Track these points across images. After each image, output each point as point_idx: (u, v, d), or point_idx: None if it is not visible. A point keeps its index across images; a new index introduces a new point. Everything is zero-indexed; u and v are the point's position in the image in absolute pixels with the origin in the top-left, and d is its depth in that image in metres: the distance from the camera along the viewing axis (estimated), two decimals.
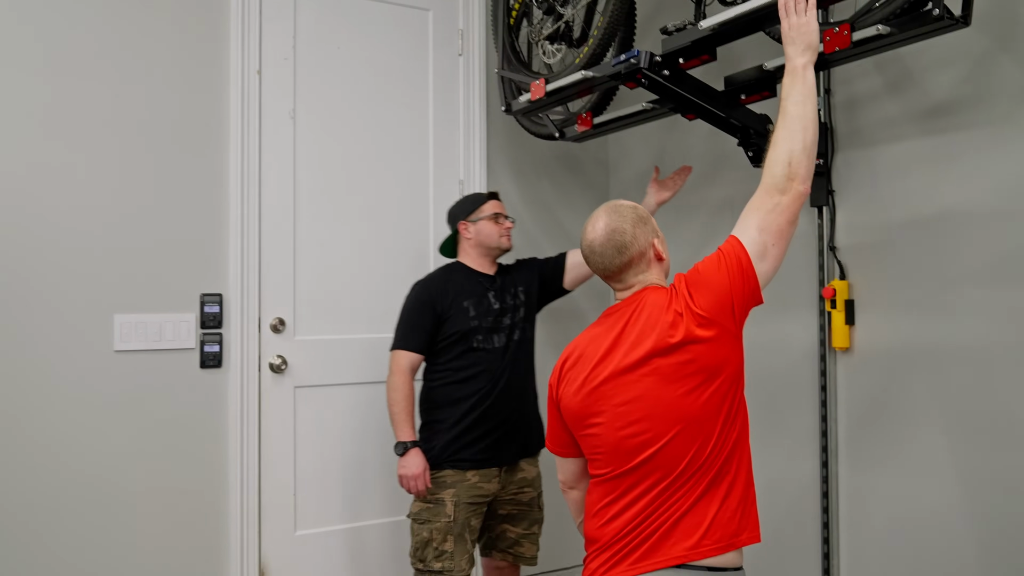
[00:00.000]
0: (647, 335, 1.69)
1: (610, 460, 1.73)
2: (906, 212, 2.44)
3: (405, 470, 2.59)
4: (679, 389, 1.65)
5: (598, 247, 1.80)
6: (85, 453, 2.71)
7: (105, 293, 2.75)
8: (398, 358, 2.67)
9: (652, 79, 2.33)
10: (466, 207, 2.81)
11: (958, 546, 2.29)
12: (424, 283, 2.75)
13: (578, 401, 1.77)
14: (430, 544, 2.57)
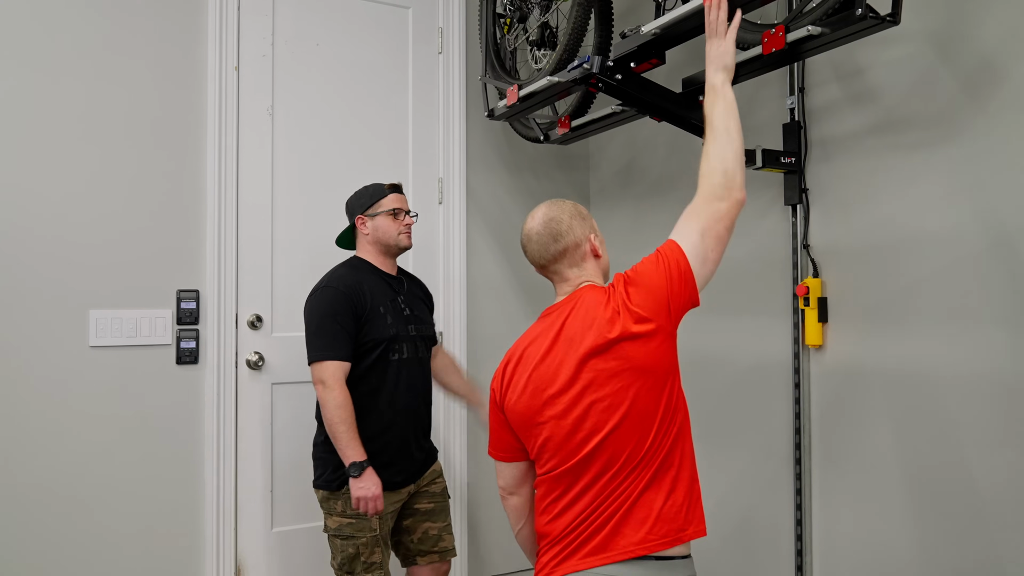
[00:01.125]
0: (586, 332, 1.72)
1: (555, 454, 1.75)
2: (875, 213, 2.46)
3: (364, 491, 2.41)
4: (617, 384, 1.68)
5: (535, 235, 1.84)
6: (59, 449, 2.71)
7: (80, 288, 2.75)
8: (331, 369, 2.42)
9: (607, 83, 2.35)
10: (363, 200, 2.63)
11: (921, 544, 2.32)
12: (337, 284, 2.51)
13: (525, 401, 1.77)
14: (358, 558, 2.48)
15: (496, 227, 3.52)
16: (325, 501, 2.54)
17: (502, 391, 1.84)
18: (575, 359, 1.71)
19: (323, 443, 2.54)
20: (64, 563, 2.71)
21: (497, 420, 1.87)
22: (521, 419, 1.79)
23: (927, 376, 2.31)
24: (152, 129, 2.87)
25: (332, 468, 2.51)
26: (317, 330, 2.47)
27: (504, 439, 1.87)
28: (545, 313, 1.85)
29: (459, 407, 3.37)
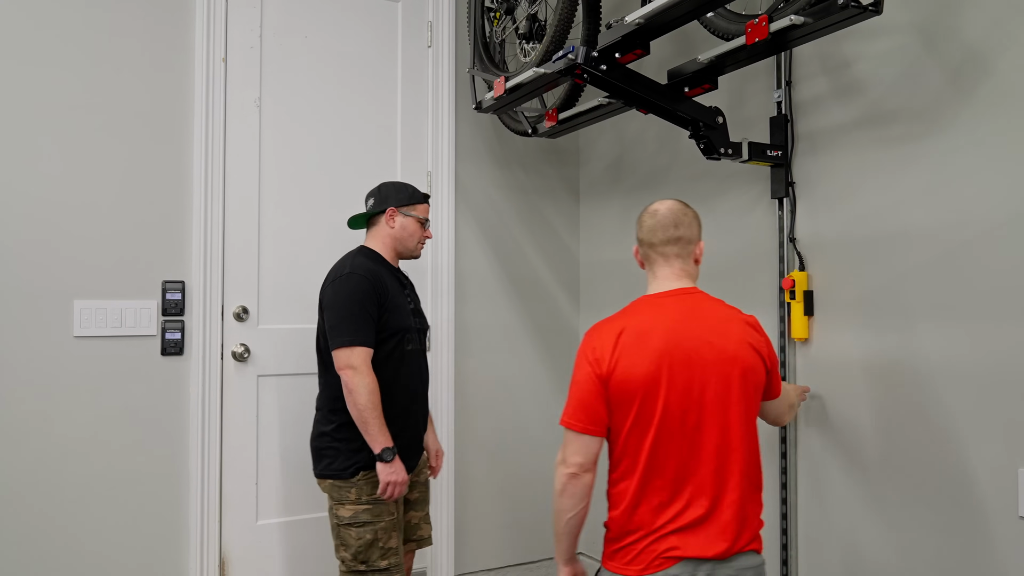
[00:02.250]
0: (724, 338, 1.86)
1: (656, 430, 1.80)
2: (861, 206, 2.46)
3: (395, 475, 2.43)
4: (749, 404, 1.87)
5: (660, 215, 1.95)
6: (42, 439, 2.70)
7: (65, 278, 2.74)
8: (362, 355, 2.43)
9: (592, 74, 2.34)
10: (402, 195, 2.63)
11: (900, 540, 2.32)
12: (362, 271, 2.50)
13: (644, 370, 1.80)
14: (375, 544, 2.46)
15: (484, 221, 3.52)
16: (336, 491, 2.49)
17: (611, 361, 1.82)
18: (717, 356, 1.84)
19: (332, 432, 2.51)
20: (47, 555, 2.70)
21: (595, 392, 1.83)
22: (637, 386, 1.80)
23: (912, 369, 2.31)
24: (138, 119, 2.87)
25: (345, 456, 2.49)
26: (347, 315, 2.45)
27: (599, 411, 1.84)
28: (655, 299, 1.91)
29: (447, 412, 3.38)
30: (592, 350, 1.86)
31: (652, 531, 1.81)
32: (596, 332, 1.90)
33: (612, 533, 1.87)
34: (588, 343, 1.88)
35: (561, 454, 1.87)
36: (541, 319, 3.64)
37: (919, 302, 2.29)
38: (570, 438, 1.85)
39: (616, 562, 1.84)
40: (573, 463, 1.85)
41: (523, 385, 3.59)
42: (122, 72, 2.85)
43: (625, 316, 1.90)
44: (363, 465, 2.49)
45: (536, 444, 3.60)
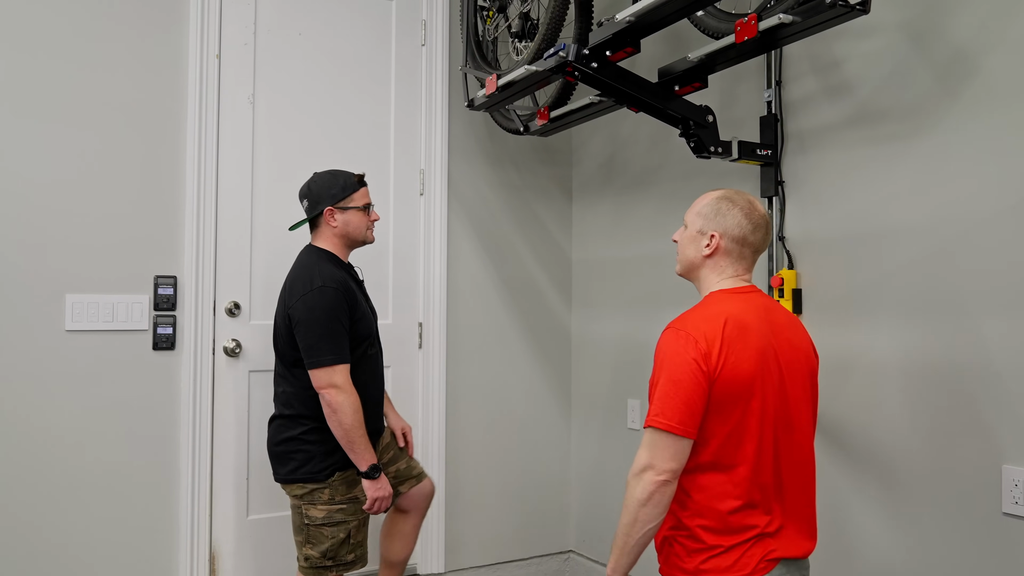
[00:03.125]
0: (798, 338, 1.86)
1: (758, 433, 1.75)
2: (850, 205, 2.47)
3: (382, 491, 2.48)
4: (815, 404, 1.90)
5: (760, 215, 1.86)
6: (34, 433, 2.70)
7: (57, 272, 2.75)
8: (342, 374, 2.41)
9: (583, 71, 2.36)
10: (333, 191, 2.54)
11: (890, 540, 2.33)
12: (332, 283, 2.46)
13: (749, 368, 1.73)
14: (347, 542, 2.49)
15: (477, 219, 3.53)
16: (309, 494, 2.49)
17: (720, 356, 1.71)
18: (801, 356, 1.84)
19: (302, 435, 2.51)
20: (37, 548, 2.70)
21: (700, 391, 1.70)
22: (740, 385, 1.72)
23: (899, 366, 2.32)
24: (132, 115, 2.88)
25: (320, 458, 2.49)
26: (325, 333, 2.41)
27: (700, 412, 1.71)
28: (739, 291, 1.84)
29: (438, 410, 3.39)
30: (697, 342, 1.70)
31: (753, 535, 1.74)
32: (699, 322, 1.75)
33: (701, 542, 1.75)
34: (690, 334, 1.72)
35: (647, 458, 1.70)
36: (533, 318, 3.65)
37: (906, 300, 2.31)
38: (665, 442, 1.69)
39: (711, 572, 1.73)
40: (667, 469, 1.69)
41: (515, 384, 3.60)
42: (116, 68, 2.85)
43: (720, 306, 1.78)
44: (339, 466, 2.50)
45: (527, 442, 3.61)
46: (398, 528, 2.84)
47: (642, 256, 3.32)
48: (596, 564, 3.51)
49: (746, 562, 1.72)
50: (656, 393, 1.72)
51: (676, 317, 1.83)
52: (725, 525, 1.74)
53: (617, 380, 3.45)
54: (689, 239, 1.89)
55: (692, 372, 1.70)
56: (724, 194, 1.87)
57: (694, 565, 1.76)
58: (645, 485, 1.70)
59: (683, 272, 1.93)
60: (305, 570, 2.52)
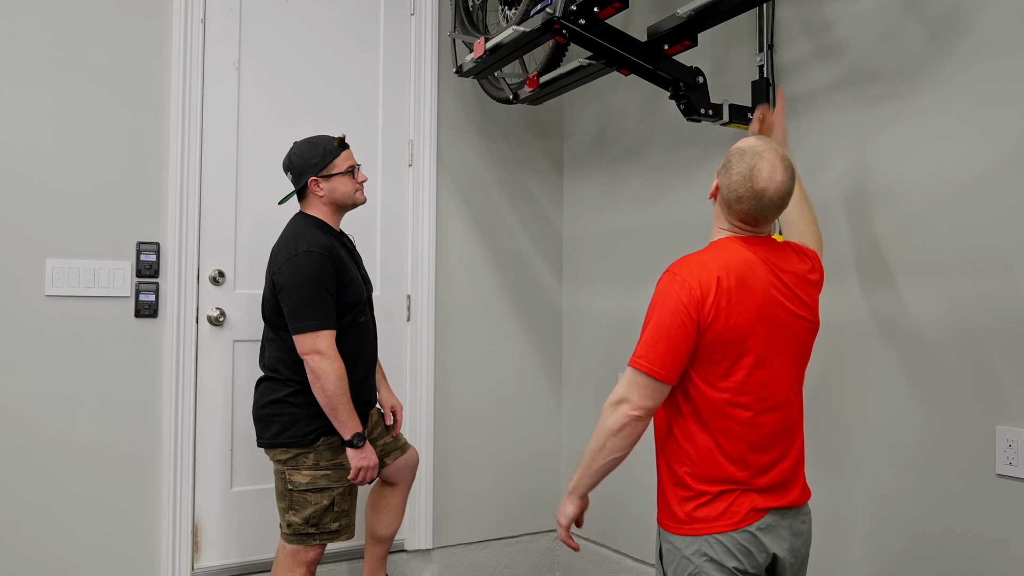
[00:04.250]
0: (804, 289, 1.83)
1: (755, 387, 1.73)
2: (843, 167, 2.43)
3: (366, 460, 2.45)
4: (808, 349, 1.86)
5: (760, 198, 1.75)
6: (10, 399, 2.66)
7: (37, 237, 2.70)
8: (326, 339, 2.38)
9: (571, 29, 2.32)
10: (314, 160, 2.50)
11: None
12: (319, 248, 2.43)
13: (744, 323, 1.71)
14: (331, 509, 2.46)
15: (467, 192, 3.49)
16: (293, 459, 2.45)
17: (713, 307, 1.69)
18: (796, 305, 1.80)
19: (287, 397, 2.47)
20: (15, 517, 2.65)
21: (687, 339, 1.69)
22: (731, 340, 1.71)
23: (892, 328, 2.29)
24: (115, 78, 2.83)
25: (305, 421, 2.45)
26: (309, 297, 2.38)
27: (684, 359, 1.71)
28: (747, 241, 1.79)
29: (426, 384, 3.34)
30: (691, 289, 1.69)
31: (740, 485, 1.73)
32: (697, 268, 1.73)
33: (689, 490, 1.75)
34: (685, 280, 1.71)
35: (623, 392, 1.73)
36: (523, 293, 3.61)
37: (901, 262, 2.27)
38: (644, 382, 1.71)
39: (700, 521, 1.73)
40: (642, 406, 1.72)
41: (505, 359, 3.55)
42: (98, 31, 2.81)
43: (722, 253, 1.75)
44: (325, 431, 2.46)
45: (517, 418, 3.57)
46: (386, 501, 2.80)
47: (634, 229, 3.28)
48: (587, 542, 3.47)
49: (735, 510, 1.72)
50: (645, 334, 1.73)
51: (680, 258, 1.80)
52: (712, 474, 1.73)
53: (609, 356, 3.40)
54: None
55: (681, 319, 1.69)
56: (745, 145, 1.80)
57: (685, 512, 1.75)
58: (619, 416, 1.74)
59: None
60: (287, 537, 2.48)
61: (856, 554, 2.38)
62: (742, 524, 1.71)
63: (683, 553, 1.74)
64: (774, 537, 1.74)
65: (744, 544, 1.71)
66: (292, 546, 2.48)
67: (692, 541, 1.73)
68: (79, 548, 2.74)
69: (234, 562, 2.98)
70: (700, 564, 1.71)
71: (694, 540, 1.73)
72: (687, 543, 1.74)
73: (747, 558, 1.71)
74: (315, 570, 2.53)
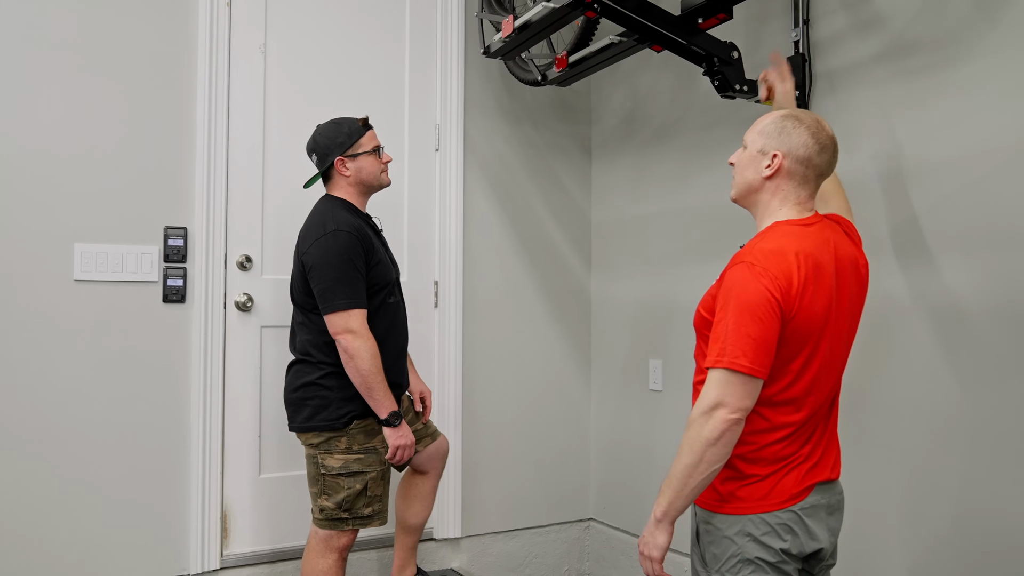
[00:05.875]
0: (858, 268, 1.77)
1: (815, 371, 1.67)
2: (883, 143, 2.37)
3: (404, 439, 2.43)
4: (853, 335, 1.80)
5: (830, 147, 1.74)
6: (41, 384, 2.65)
7: (65, 221, 2.70)
8: (358, 318, 2.35)
9: (603, 4, 2.27)
10: (340, 139, 2.48)
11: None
12: (347, 228, 2.40)
13: (820, 309, 1.65)
14: (364, 493, 2.42)
15: (494, 177, 3.45)
16: (325, 442, 2.42)
17: (798, 292, 1.61)
18: (852, 294, 1.75)
19: (320, 379, 2.44)
20: (46, 503, 2.65)
21: (775, 328, 1.60)
22: (813, 327, 1.64)
23: (939, 304, 2.22)
24: (141, 62, 2.81)
25: (337, 404, 2.42)
26: (340, 276, 2.35)
27: (773, 351, 1.61)
28: (805, 223, 1.72)
29: (455, 370, 3.31)
30: (776, 278, 1.59)
31: (791, 464, 1.67)
32: (774, 257, 1.63)
33: (737, 470, 1.68)
34: (768, 269, 1.60)
35: (717, 395, 1.59)
36: (551, 279, 3.57)
37: (944, 236, 2.21)
38: (739, 380, 1.58)
39: (743, 500, 1.66)
40: (740, 407, 1.59)
41: (533, 345, 3.51)
42: (125, 14, 2.79)
43: (790, 240, 1.66)
44: (358, 414, 2.43)
45: (546, 405, 3.53)
46: (417, 489, 2.77)
47: (664, 212, 3.22)
48: (617, 531, 3.43)
49: (781, 490, 1.66)
50: (731, 332, 1.60)
51: (743, 249, 1.69)
52: (764, 456, 1.67)
53: (638, 341, 3.35)
54: (748, 159, 1.76)
55: (769, 310, 1.59)
56: (790, 112, 1.75)
57: (728, 490, 1.69)
58: (716, 423, 1.58)
59: (739, 197, 1.81)
60: (320, 522, 2.45)
61: (893, 536, 2.31)
62: (788, 504, 1.65)
63: (724, 533, 1.68)
64: (817, 521, 1.68)
65: (790, 524, 1.65)
66: (324, 531, 2.45)
67: (735, 521, 1.67)
68: (108, 534, 2.73)
69: (264, 549, 2.97)
70: (744, 545, 1.65)
71: (737, 519, 1.67)
72: (729, 523, 1.68)
73: (793, 539, 1.65)
74: (347, 556, 2.50)
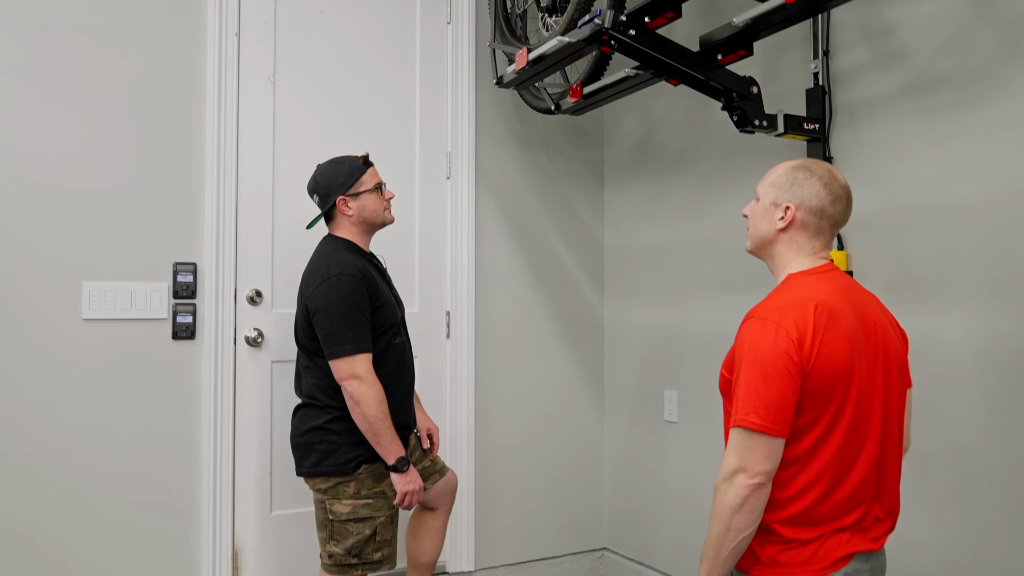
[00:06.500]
0: (883, 318, 1.71)
1: (848, 425, 1.60)
2: (905, 180, 2.32)
3: (412, 484, 2.38)
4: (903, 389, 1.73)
5: (842, 186, 1.71)
6: (50, 424, 2.61)
7: (73, 259, 2.66)
8: (363, 363, 2.31)
9: (620, 40, 2.22)
10: (341, 179, 2.44)
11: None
12: (351, 271, 2.36)
13: (842, 357, 1.59)
14: (373, 539, 2.38)
15: (505, 204, 3.40)
16: (334, 487, 2.38)
17: (813, 345, 1.57)
18: (889, 338, 1.69)
19: (327, 424, 2.39)
20: (55, 543, 2.61)
21: (793, 385, 1.56)
22: (834, 380, 1.58)
23: (959, 350, 2.17)
24: (149, 95, 2.78)
25: (345, 449, 2.38)
26: (344, 321, 2.31)
27: (792, 408, 1.56)
28: (819, 272, 1.68)
29: (467, 401, 3.27)
30: (788, 332, 1.56)
31: (830, 530, 1.61)
32: (786, 309, 1.60)
33: (777, 535, 1.63)
34: (779, 323, 1.57)
35: (737, 461, 1.56)
36: (564, 307, 3.52)
37: (967, 280, 2.15)
38: (757, 442, 1.54)
39: (784, 566, 1.61)
40: (761, 471, 1.55)
41: (546, 375, 3.47)
42: (132, 47, 2.75)
43: (804, 290, 1.63)
44: (366, 458, 2.39)
45: (559, 435, 3.49)
46: (427, 526, 2.72)
47: (679, 241, 3.17)
48: (630, 562, 3.38)
49: (824, 555, 1.60)
50: (742, 390, 1.57)
51: (756, 305, 1.66)
52: (805, 519, 1.61)
53: (653, 371, 3.30)
54: (761, 212, 1.73)
55: (784, 365, 1.55)
56: (801, 163, 1.72)
57: (769, 555, 1.64)
58: (738, 490, 1.55)
59: (754, 249, 1.78)
60: (329, 568, 2.41)
61: None
62: (831, 570, 1.60)
63: None
64: None
65: None
66: None
67: None
68: (119, 574, 2.69)
69: None
70: None
71: None
72: None
73: None
74: None
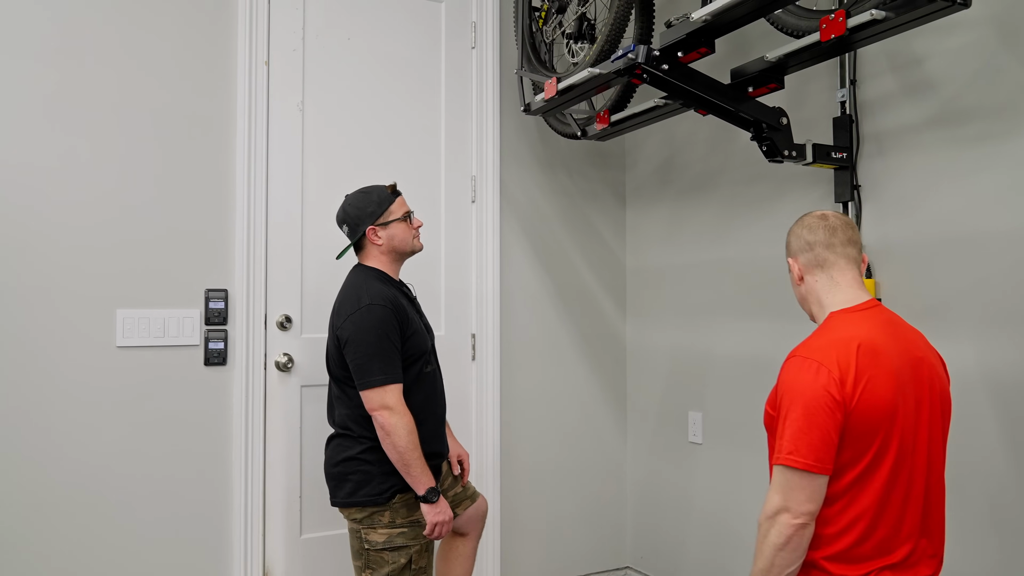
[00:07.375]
0: (928, 355, 1.72)
1: (892, 462, 1.62)
2: (934, 210, 2.34)
3: (442, 515, 2.38)
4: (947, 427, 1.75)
5: (832, 219, 1.79)
6: (85, 451, 2.64)
7: (107, 287, 2.69)
8: (394, 394, 2.32)
9: (653, 74, 2.25)
10: (370, 208, 2.45)
11: None
12: (382, 301, 2.37)
13: (886, 395, 1.61)
14: (408, 567, 2.40)
15: (529, 226, 3.43)
16: (368, 517, 2.40)
17: (855, 383, 1.59)
18: (933, 374, 1.71)
19: (361, 454, 2.41)
20: (88, 566, 2.64)
21: (834, 423, 1.58)
22: (877, 419, 1.60)
23: (988, 381, 2.19)
24: (181, 124, 2.81)
25: (379, 479, 2.39)
26: (375, 352, 2.32)
27: (835, 446, 1.59)
28: (857, 310, 1.72)
29: (492, 423, 3.29)
30: (829, 371, 1.59)
31: (877, 567, 1.62)
32: (827, 347, 1.63)
33: (825, 571, 1.65)
34: (821, 362, 1.60)
35: (780, 501, 1.58)
36: (587, 328, 3.55)
37: (996, 310, 2.18)
38: (800, 482, 1.57)
39: None
40: (804, 512, 1.57)
41: (570, 396, 3.49)
42: (163, 76, 2.79)
43: (846, 328, 1.66)
44: (400, 488, 2.40)
45: (582, 455, 3.51)
46: (457, 552, 2.74)
47: (702, 263, 3.20)
48: None
49: None
50: (785, 428, 1.60)
51: (799, 344, 1.69)
52: (851, 556, 1.63)
53: (676, 392, 3.33)
54: (791, 280, 1.89)
55: (826, 403, 1.58)
56: (791, 228, 1.86)
57: None
58: (781, 528, 1.59)
59: (807, 313, 1.86)
60: None
61: None
62: None
63: None
64: None
65: None
66: None
67: None
68: None
69: None
70: None
71: None
72: None
73: None
74: None
